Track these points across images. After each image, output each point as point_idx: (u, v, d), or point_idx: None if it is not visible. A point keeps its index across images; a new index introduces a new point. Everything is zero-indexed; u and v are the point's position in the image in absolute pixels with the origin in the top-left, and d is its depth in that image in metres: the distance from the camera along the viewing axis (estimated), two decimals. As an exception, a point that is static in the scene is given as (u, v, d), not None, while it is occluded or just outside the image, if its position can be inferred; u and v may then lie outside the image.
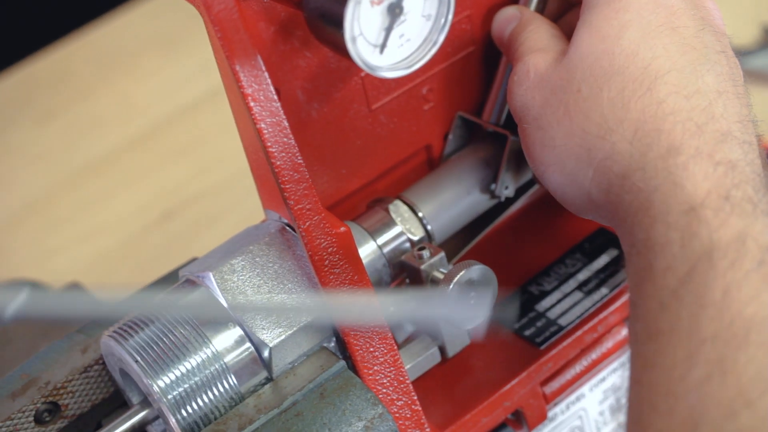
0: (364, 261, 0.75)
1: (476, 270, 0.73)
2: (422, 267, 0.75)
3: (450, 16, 0.70)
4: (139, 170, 1.51)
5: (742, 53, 0.72)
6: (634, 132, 0.66)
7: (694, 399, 0.59)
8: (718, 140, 0.65)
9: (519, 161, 0.80)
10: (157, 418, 0.72)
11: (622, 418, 0.87)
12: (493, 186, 0.81)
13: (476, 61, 0.82)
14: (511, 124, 0.77)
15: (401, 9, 0.68)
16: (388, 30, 0.68)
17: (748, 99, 0.69)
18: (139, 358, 0.69)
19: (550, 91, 0.70)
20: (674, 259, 0.63)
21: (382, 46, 0.68)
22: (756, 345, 0.59)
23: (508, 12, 0.78)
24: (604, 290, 0.82)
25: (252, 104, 0.67)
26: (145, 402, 0.72)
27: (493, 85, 0.81)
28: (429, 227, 0.79)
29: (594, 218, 0.72)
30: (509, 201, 0.83)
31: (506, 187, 0.81)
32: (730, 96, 0.67)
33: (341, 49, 0.67)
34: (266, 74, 0.68)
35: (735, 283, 0.61)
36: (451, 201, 0.80)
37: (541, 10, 0.79)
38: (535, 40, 0.74)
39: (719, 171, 0.64)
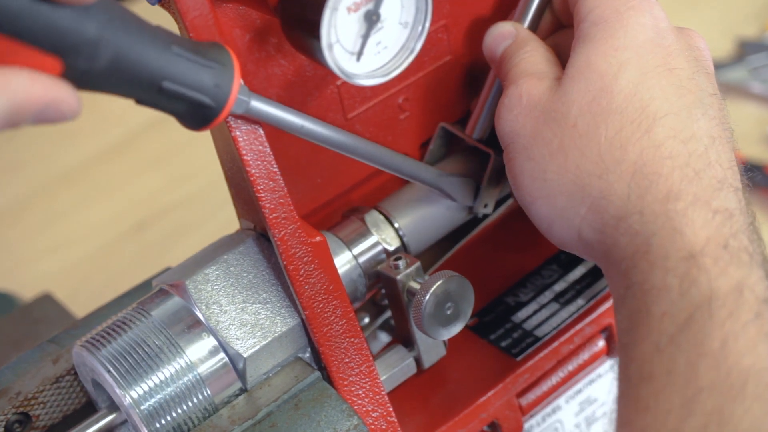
0: (340, 271, 0.75)
1: (453, 280, 0.73)
2: (398, 277, 0.75)
3: (427, 24, 0.69)
4: (113, 180, 1.50)
5: (716, 67, 0.72)
6: (632, 174, 0.66)
7: None
8: (715, 188, 0.65)
9: (500, 179, 0.80)
10: (124, 422, 0.71)
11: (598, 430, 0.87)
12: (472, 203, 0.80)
13: (453, 71, 0.82)
14: (494, 140, 0.76)
15: (378, 16, 0.67)
16: (365, 37, 0.67)
17: (733, 142, 0.69)
18: (111, 369, 0.68)
19: (543, 121, 0.69)
20: (672, 305, 0.63)
21: (359, 54, 0.68)
22: (752, 397, 0.60)
23: (504, 28, 0.75)
24: (580, 301, 0.82)
25: (227, 112, 0.67)
26: (113, 406, 0.71)
27: (478, 99, 0.80)
28: (405, 238, 0.79)
29: (579, 254, 0.71)
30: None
31: (485, 205, 0.80)
32: (722, 141, 0.68)
33: (317, 57, 0.66)
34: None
35: (733, 334, 0.61)
36: (428, 215, 0.80)
37: (534, 28, 0.76)
38: (530, 63, 0.72)
39: (717, 219, 0.64)
